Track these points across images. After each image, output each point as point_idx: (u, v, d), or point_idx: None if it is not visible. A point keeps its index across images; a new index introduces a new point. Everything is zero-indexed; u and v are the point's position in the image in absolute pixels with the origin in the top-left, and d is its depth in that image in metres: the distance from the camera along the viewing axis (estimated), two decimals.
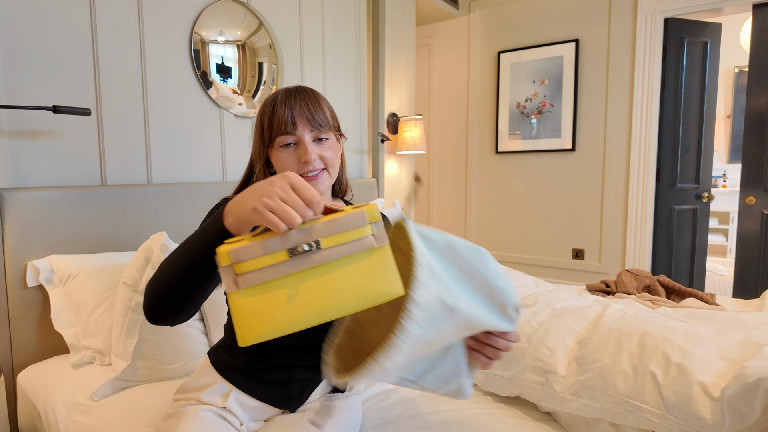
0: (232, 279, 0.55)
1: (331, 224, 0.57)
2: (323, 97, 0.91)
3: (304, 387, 0.93)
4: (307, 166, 0.86)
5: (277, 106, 0.86)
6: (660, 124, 2.98)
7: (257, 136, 0.90)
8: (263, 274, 0.55)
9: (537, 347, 1.12)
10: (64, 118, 1.48)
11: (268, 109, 0.87)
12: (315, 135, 0.87)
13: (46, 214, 1.38)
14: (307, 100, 0.87)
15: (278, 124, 0.85)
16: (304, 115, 0.86)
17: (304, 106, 0.86)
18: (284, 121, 0.85)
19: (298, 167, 0.86)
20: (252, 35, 2.02)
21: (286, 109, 0.85)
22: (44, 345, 1.42)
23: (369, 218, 0.58)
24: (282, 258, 0.55)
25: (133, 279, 1.25)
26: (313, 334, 0.88)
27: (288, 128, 0.85)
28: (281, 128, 0.85)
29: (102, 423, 1.07)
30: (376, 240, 0.58)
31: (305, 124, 0.86)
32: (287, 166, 0.86)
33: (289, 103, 0.86)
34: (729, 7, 2.77)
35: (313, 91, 0.90)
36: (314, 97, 0.89)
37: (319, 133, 0.87)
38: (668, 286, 1.76)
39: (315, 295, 0.56)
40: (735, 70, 4.88)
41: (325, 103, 0.90)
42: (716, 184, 4.99)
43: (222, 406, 0.89)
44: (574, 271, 3.32)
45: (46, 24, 1.42)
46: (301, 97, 0.87)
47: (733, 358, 0.92)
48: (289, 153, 0.86)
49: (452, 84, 3.78)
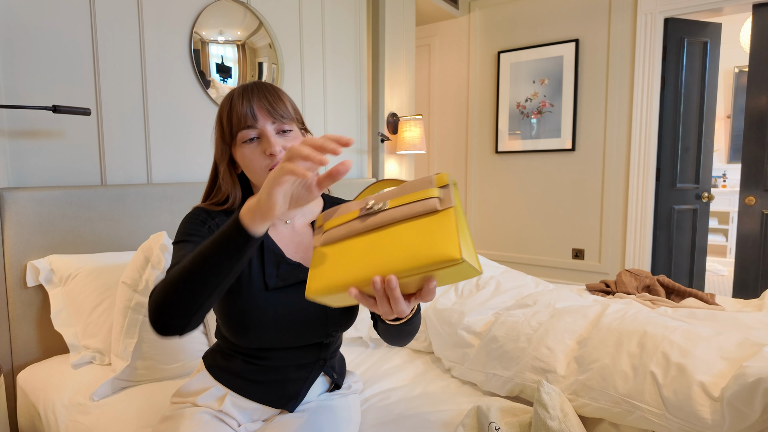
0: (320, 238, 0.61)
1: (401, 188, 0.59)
2: (283, 91, 0.90)
3: (300, 386, 0.92)
4: (272, 159, 0.83)
5: (234, 101, 0.84)
6: (660, 124, 2.98)
7: (218, 136, 0.88)
8: (339, 230, 0.60)
9: (537, 347, 1.12)
10: (64, 118, 1.48)
11: (226, 105, 0.85)
12: (278, 127, 0.85)
13: (46, 214, 1.38)
14: (266, 92, 0.85)
15: (237, 118, 0.83)
16: (264, 107, 0.83)
17: (263, 98, 0.84)
18: (243, 114, 0.83)
19: (265, 161, 0.84)
20: (252, 35, 2.02)
21: (245, 103, 0.83)
22: (44, 345, 1.42)
23: (437, 182, 0.58)
24: (355, 215, 0.60)
25: (133, 279, 1.25)
26: (306, 333, 0.88)
27: (248, 122, 0.83)
28: (241, 122, 0.83)
29: (102, 423, 1.07)
30: (440, 202, 0.56)
31: (266, 116, 0.83)
32: (252, 162, 0.84)
33: (246, 97, 0.84)
34: (729, 7, 2.77)
35: (272, 85, 0.88)
36: (273, 89, 0.87)
37: (282, 125, 0.85)
38: (668, 286, 1.76)
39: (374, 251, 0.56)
40: (735, 70, 4.88)
41: (286, 97, 0.88)
42: (716, 184, 4.99)
43: (218, 410, 0.89)
44: (574, 271, 3.32)
45: (46, 24, 1.42)
46: (259, 91, 0.85)
47: (733, 358, 0.92)
48: (253, 148, 0.84)
49: (452, 84, 3.78)
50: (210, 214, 0.87)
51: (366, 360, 1.38)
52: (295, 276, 0.88)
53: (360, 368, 1.33)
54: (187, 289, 0.66)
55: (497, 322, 1.24)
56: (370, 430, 0.99)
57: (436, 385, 1.22)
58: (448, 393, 1.17)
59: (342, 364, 1.05)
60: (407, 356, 1.42)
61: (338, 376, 1.01)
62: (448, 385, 1.22)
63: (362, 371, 1.31)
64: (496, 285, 1.62)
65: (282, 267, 0.87)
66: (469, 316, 1.35)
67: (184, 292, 0.66)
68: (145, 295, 1.24)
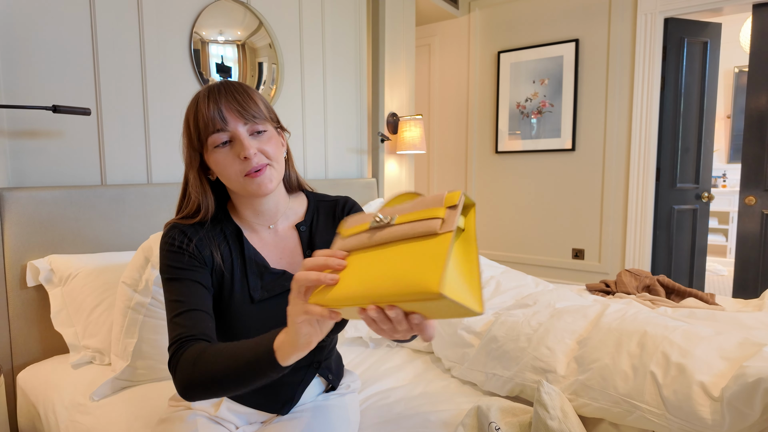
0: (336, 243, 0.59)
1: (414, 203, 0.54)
2: (254, 90, 0.84)
3: (294, 390, 0.92)
4: (248, 163, 0.77)
5: (200, 104, 0.78)
6: (660, 124, 2.98)
7: (186, 142, 0.82)
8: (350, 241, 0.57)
9: (537, 347, 1.12)
10: (63, 118, 1.48)
11: (192, 109, 0.79)
12: (250, 128, 0.79)
13: (46, 214, 1.38)
14: (234, 92, 0.79)
15: (205, 122, 0.77)
16: (234, 108, 0.77)
17: (232, 99, 0.78)
18: (211, 117, 0.77)
19: (239, 166, 0.78)
20: (252, 35, 2.02)
21: (211, 105, 0.77)
22: (44, 345, 1.42)
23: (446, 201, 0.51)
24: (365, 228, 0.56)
25: (133, 279, 1.25)
26: None
27: (218, 125, 0.77)
28: (209, 126, 0.77)
29: (102, 423, 1.07)
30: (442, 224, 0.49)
31: (236, 118, 0.78)
32: (227, 168, 0.78)
33: (213, 98, 0.78)
34: (729, 7, 2.77)
35: (242, 84, 0.82)
36: (242, 89, 0.81)
37: (255, 126, 0.79)
38: (668, 286, 1.76)
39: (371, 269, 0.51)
40: (735, 70, 4.88)
41: (257, 95, 0.82)
42: (716, 184, 4.98)
43: (214, 414, 0.89)
44: (574, 271, 3.32)
45: (46, 24, 1.42)
46: (227, 91, 0.79)
47: (733, 358, 0.92)
48: (226, 152, 0.78)
49: (452, 84, 3.78)
50: (185, 234, 0.82)
51: (366, 360, 1.38)
52: (280, 285, 0.85)
53: (360, 368, 1.33)
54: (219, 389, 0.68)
55: (497, 322, 1.24)
56: (370, 429, 0.99)
57: (436, 385, 1.22)
58: (448, 393, 1.17)
59: (339, 365, 1.04)
60: (407, 356, 1.42)
61: (334, 378, 1.00)
62: (448, 385, 1.22)
63: (362, 371, 1.31)
64: (496, 285, 1.62)
65: (266, 277, 0.85)
66: None
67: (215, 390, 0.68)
68: (145, 294, 1.24)
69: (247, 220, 0.89)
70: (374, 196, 2.76)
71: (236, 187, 0.81)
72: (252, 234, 0.89)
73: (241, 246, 0.86)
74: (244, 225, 0.89)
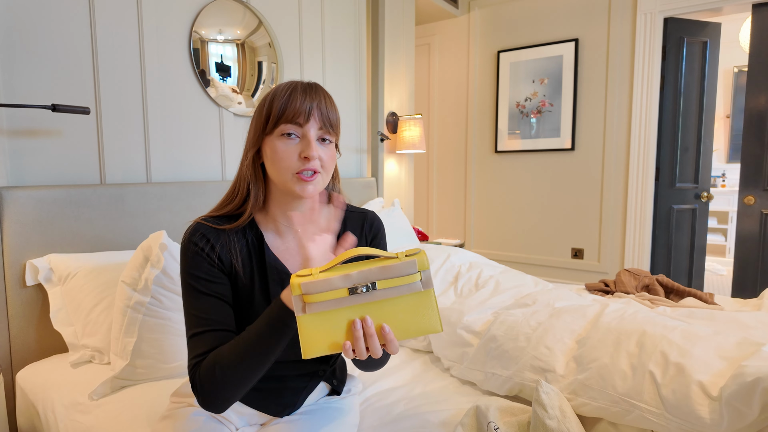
0: (300, 306, 0.66)
1: (386, 270, 0.67)
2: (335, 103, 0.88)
3: (298, 394, 0.92)
4: (306, 163, 0.80)
5: (296, 95, 0.81)
6: (659, 123, 2.99)
7: (257, 122, 0.84)
8: (326, 305, 0.66)
9: (536, 346, 1.12)
10: (63, 117, 1.47)
11: (283, 95, 0.81)
12: (321, 134, 0.82)
13: (45, 213, 1.38)
14: (324, 98, 0.83)
15: (293, 111, 0.80)
16: (322, 111, 0.82)
17: (323, 104, 0.82)
18: (301, 110, 0.80)
19: (296, 162, 0.80)
20: (251, 34, 2.02)
21: (308, 100, 0.80)
22: (43, 344, 1.41)
23: (419, 267, 0.68)
24: (343, 294, 0.66)
25: (132, 278, 1.25)
26: None
27: (300, 119, 0.80)
28: (292, 116, 0.80)
29: (101, 422, 1.07)
30: (423, 285, 0.68)
31: (318, 120, 0.81)
32: (284, 159, 0.80)
33: (310, 95, 0.81)
34: (728, 7, 2.77)
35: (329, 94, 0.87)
36: (332, 99, 0.85)
37: (325, 133, 0.83)
38: (667, 286, 1.76)
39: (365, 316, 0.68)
40: (734, 70, 4.88)
41: (337, 109, 0.86)
42: (715, 183, 4.99)
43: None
44: (574, 270, 3.33)
45: (46, 22, 1.42)
46: (319, 93, 0.83)
47: (732, 358, 0.92)
48: (290, 144, 0.80)
49: (452, 83, 3.78)
50: (208, 239, 0.81)
51: None
52: None
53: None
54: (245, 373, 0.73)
55: (496, 322, 1.24)
56: (370, 430, 0.99)
57: (435, 385, 1.22)
58: (447, 392, 1.17)
59: (343, 370, 1.04)
60: (406, 356, 1.42)
61: (338, 383, 1.00)
62: (447, 385, 1.22)
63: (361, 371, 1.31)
64: (496, 284, 1.62)
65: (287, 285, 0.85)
66: (469, 315, 1.35)
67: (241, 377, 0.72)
68: (144, 294, 1.24)
69: (275, 220, 0.88)
70: (374, 196, 2.76)
71: (281, 180, 0.82)
72: (275, 239, 0.88)
73: (261, 252, 0.86)
74: (268, 228, 0.88)
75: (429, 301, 0.68)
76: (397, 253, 0.70)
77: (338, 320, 0.67)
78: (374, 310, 0.68)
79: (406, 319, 0.68)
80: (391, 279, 0.67)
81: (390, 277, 0.67)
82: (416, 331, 0.68)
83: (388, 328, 0.67)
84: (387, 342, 0.67)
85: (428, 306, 0.68)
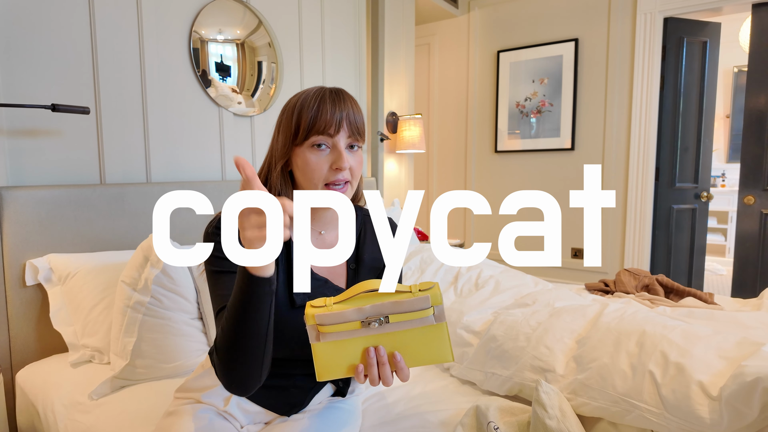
0: (315, 334, 0.68)
1: (399, 305, 0.68)
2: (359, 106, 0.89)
3: (305, 393, 0.92)
4: (337, 174, 0.81)
5: (322, 105, 0.80)
6: (659, 123, 2.99)
7: (286, 133, 0.83)
8: (340, 335, 0.68)
9: (536, 346, 1.12)
10: (62, 117, 1.47)
11: (312, 105, 0.81)
12: (350, 141, 0.83)
13: (45, 213, 1.38)
14: (352, 105, 0.83)
15: (323, 122, 0.80)
16: (351, 121, 0.82)
17: (350, 111, 0.82)
18: (332, 121, 0.80)
19: (327, 173, 0.81)
20: (251, 34, 2.02)
21: (337, 111, 0.80)
22: (43, 344, 1.41)
23: (432, 302, 0.69)
24: (356, 326, 0.68)
25: (132, 278, 1.25)
26: None
27: (331, 130, 0.80)
28: (323, 128, 0.80)
29: (101, 422, 1.07)
30: (435, 318, 0.70)
31: (346, 129, 0.82)
32: (316, 170, 0.81)
33: (338, 105, 0.81)
34: (728, 7, 2.77)
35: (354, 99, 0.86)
36: (358, 105, 0.85)
37: (354, 140, 0.83)
38: (667, 286, 1.76)
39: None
40: (734, 70, 4.88)
41: (362, 113, 0.86)
42: (715, 183, 4.99)
43: (223, 409, 0.89)
44: (573, 270, 3.33)
45: (45, 22, 1.42)
46: (347, 101, 0.83)
47: (732, 358, 0.92)
48: (321, 155, 0.81)
49: (452, 83, 3.78)
50: None
51: None
52: (321, 293, 0.86)
53: None
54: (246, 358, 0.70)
55: (496, 321, 1.24)
56: (370, 430, 0.99)
57: (435, 385, 1.22)
58: (447, 392, 1.17)
59: None
60: None
61: (344, 384, 1.00)
62: (447, 385, 1.22)
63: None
64: (495, 284, 1.62)
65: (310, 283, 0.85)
66: (468, 315, 1.35)
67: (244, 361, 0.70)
68: (144, 293, 1.24)
69: None
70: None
71: (311, 189, 0.83)
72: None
73: (288, 249, 0.86)
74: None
75: (441, 333, 0.70)
76: (411, 287, 0.70)
77: (352, 348, 0.69)
78: (387, 340, 0.69)
79: (418, 348, 0.70)
80: (403, 313, 0.68)
81: (403, 311, 0.68)
82: (427, 361, 0.70)
83: (399, 357, 0.69)
84: (398, 370, 0.69)
85: (440, 338, 0.70)
